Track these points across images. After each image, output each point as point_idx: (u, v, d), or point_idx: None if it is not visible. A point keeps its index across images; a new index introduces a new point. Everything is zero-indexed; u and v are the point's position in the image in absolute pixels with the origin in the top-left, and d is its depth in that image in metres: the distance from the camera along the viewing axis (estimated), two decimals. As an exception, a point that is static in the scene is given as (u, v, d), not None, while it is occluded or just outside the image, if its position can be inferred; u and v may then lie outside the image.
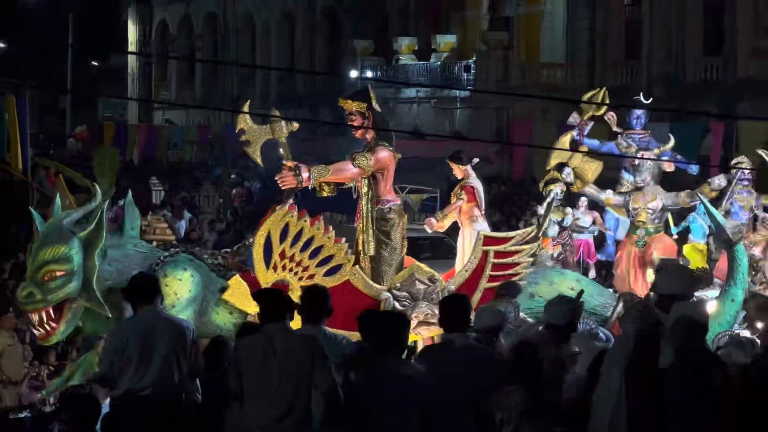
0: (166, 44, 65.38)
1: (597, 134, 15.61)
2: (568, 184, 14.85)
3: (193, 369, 8.47)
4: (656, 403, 7.12)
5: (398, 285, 10.94)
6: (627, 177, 15.37)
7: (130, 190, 11.69)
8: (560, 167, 14.84)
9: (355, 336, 9.29)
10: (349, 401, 7.34)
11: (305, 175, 10.61)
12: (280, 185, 10.78)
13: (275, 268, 10.63)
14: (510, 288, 10.95)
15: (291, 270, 10.63)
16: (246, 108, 11.19)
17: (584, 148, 14.95)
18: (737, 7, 38.15)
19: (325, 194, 11.17)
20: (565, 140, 14.91)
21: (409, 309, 10.82)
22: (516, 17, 47.16)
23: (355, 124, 11.14)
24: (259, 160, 11.01)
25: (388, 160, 11.03)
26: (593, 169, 14.68)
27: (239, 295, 10.57)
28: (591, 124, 15.17)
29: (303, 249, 10.65)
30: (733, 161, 17.01)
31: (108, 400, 8.63)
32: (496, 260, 11.20)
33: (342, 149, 11.23)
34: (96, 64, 68.30)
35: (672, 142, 14.85)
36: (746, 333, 10.12)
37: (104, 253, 10.31)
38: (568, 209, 16.90)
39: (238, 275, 10.70)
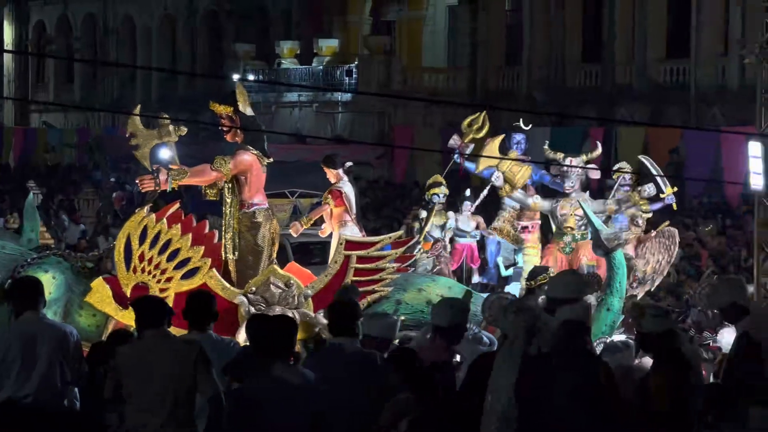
0: (44, 45, 64.24)
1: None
2: (497, 188, 14.80)
3: (76, 375, 8.34)
4: (543, 402, 7.19)
5: (254, 289, 10.87)
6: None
7: (31, 192, 11.66)
8: (488, 171, 14.62)
9: None
10: (234, 406, 7.26)
11: (163, 177, 10.77)
12: (140, 188, 10.98)
13: (135, 270, 10.72)
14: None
15: (149, 272, 10.74)
16: (137, 111, 11.22)
17: (513, 154, 14.91)
18: (617, 15, 38.83)
19: (210, 198, 11.28)
20: (494, 145, 14.79)
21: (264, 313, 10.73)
22: (398, 21, 47.44)
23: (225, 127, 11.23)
24: (147, 164, 11.06)
25: (251, 163, 11.06)
26: (522, 173, 14.62)
27: (101, 298, 10.64)
28: (471, 146, 15.19)
29: (161, 252, 10.74)
30: (615, 166, 17.24)
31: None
32: (359, 265, 11.13)
33: (226, 153, 11.25)
34: (-30, 64, 66.89)
35: (599, 150, 14.95)
36: (621, 337, 10.26)
37: None
38: (450, 213, 16.90)
39: (101, 278, 10.79)
